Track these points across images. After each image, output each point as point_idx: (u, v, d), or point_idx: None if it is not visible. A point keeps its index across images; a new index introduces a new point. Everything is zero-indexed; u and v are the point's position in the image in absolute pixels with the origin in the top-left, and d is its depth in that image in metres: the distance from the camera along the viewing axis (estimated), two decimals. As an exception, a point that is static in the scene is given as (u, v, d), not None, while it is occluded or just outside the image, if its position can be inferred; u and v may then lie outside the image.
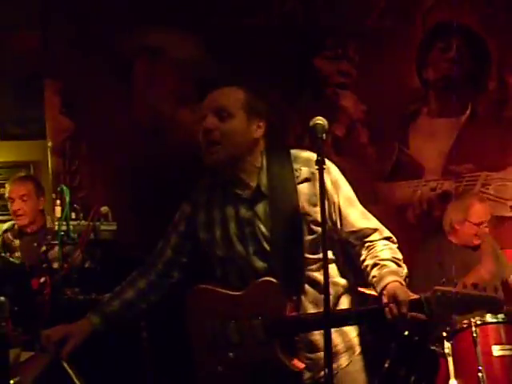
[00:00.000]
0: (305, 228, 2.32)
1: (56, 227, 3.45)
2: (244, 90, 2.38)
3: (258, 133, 2.37)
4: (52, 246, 3.53)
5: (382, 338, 3.54)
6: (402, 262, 2.33)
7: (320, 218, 2.17)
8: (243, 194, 2.38)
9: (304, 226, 2.32)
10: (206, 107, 2.36)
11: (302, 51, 4.83)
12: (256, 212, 2.36)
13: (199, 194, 2.49)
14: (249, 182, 2.38)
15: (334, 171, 2.40)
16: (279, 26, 4.83)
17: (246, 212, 2.37)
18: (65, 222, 3.39)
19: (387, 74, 4.75)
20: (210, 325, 2.38)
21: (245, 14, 4.80)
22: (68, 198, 3.41)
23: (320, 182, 2.13)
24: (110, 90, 4.73)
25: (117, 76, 4.74)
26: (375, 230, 2.37)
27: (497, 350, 3.35)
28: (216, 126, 2.32)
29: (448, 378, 3.37)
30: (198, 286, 2.45)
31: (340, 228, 2.38)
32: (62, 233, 3.38)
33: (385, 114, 4.77)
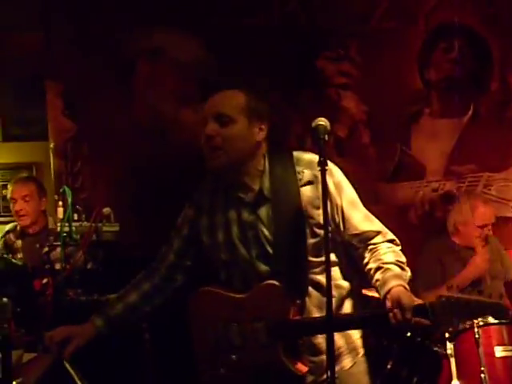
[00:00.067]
0: (308, 231, 2.31)
1: (58, 228, 3.46)
2: (245, 92, 2.36)
3: (259, 136, 2.36)
4: (54, 247, 3.54)
5: (384, 339, 3.54)
6: (406, 264, 2.32)
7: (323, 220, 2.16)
8: (246, 198, 2.37)
9: (307, 229, 2.31)
10: (207, 112, 2.34)
11: (303, 52, 4.80)
12: (259, 215, 2.35)
13: (202, 197, 2.48)
14: (251, 186, 2.37)
15: (336, 173, 2.38)
16: (280, 26, 4.81)
17: (249, 216, 2.36)
18: (67, 223, 3.40)
19: (389, 75, 4.73)
20: (213, 327, 2.37)
21: (245, 14, 4.78)
22: (70, 199, 3.42)
23: (322, 183, 2.13)
24: (111, 91, 4.73)
25: (118, 76, 4.72)
26: (378, 232, 2.36)
27: (499, 351, 3.33)
28: (217, 133, 2.30)
29: (450, 379, 3.36)
30: (200, 288, 2.45)
31: (343, 230, 2.37)
32: (65, 234, 3.39)
33: (387, 115, 4.75)
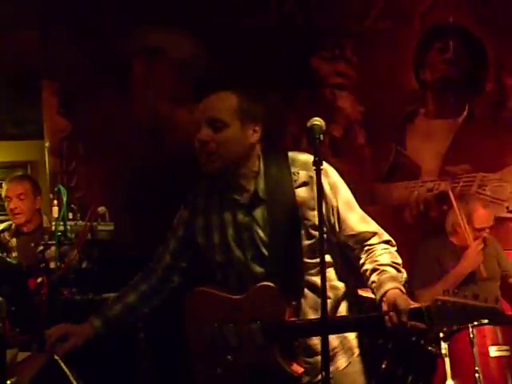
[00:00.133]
0: (303, 232, 2.31)
1: (53, 227, 3.45)
2: (237, 94, 2.33)
3: (254, 137, 2.35)
4: (49, 246, 3.53)
5: (379, 338, 3.55)
6: (401, 266, 2.32)
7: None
8: (241, 199, 2.37)
9: (302, 230, 2.31)
10: (200, 117, 2.32)
11: (299, 51, 4.81)
12: (254, 217, 2.34)
13: (197, 198, 2.48)
14: (246, 187, 2.36)
15: (332, 174, 2.38)
16: (277, 26, 4.81)
17: (244, 217, 2.35)
18: (62, 222, 3.40)
19: (384, 75, 4.74)
20: (209, 327, 2.37)
21: (244, 14, 4.79)
22: (65, 198, 3.42)
23: (317, 183, 2.12)
24: (108, 90, 4.71)
25: (115, 76, 4.72)
26: (374, 233, 2.36)
27: (493, 351, 3.34)
28: (211, 138, 2.29)
29: (445, 379, 3.36)
30: (196, 288, 2.45)
31: (339, 231, 2.37)
32: (59, 233, 3.39)
33: (382, 115, 4.76)
